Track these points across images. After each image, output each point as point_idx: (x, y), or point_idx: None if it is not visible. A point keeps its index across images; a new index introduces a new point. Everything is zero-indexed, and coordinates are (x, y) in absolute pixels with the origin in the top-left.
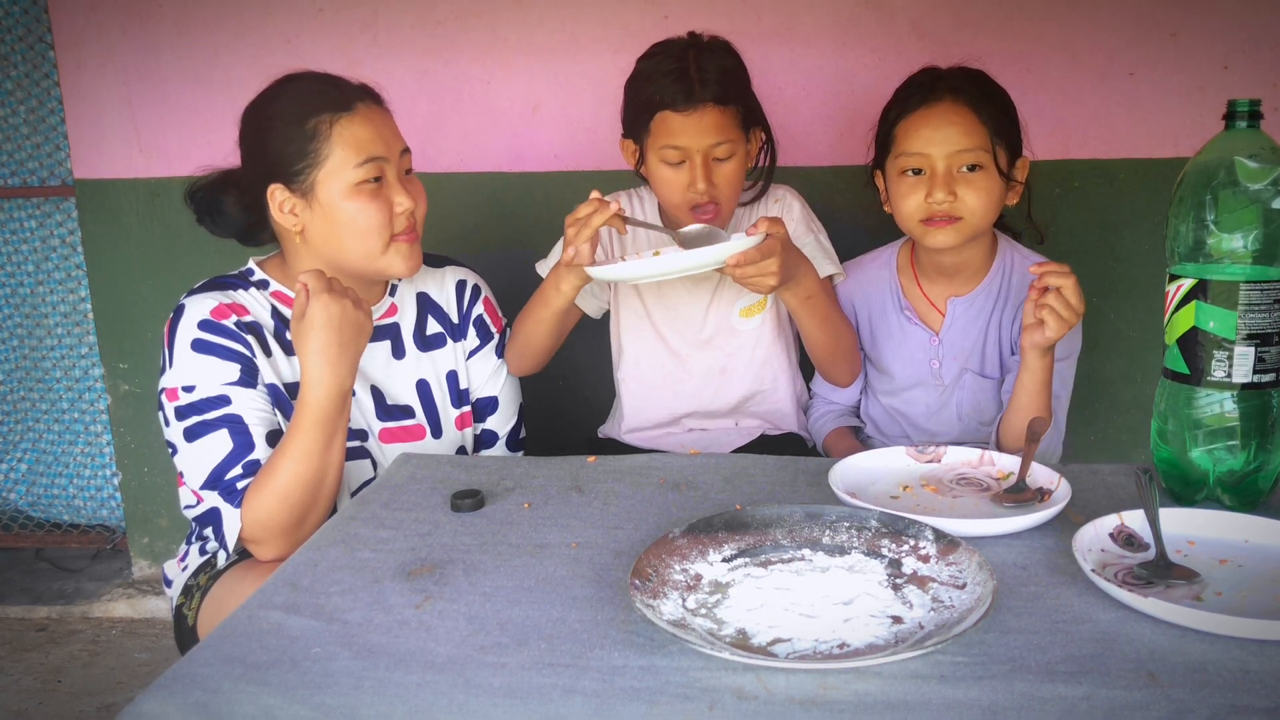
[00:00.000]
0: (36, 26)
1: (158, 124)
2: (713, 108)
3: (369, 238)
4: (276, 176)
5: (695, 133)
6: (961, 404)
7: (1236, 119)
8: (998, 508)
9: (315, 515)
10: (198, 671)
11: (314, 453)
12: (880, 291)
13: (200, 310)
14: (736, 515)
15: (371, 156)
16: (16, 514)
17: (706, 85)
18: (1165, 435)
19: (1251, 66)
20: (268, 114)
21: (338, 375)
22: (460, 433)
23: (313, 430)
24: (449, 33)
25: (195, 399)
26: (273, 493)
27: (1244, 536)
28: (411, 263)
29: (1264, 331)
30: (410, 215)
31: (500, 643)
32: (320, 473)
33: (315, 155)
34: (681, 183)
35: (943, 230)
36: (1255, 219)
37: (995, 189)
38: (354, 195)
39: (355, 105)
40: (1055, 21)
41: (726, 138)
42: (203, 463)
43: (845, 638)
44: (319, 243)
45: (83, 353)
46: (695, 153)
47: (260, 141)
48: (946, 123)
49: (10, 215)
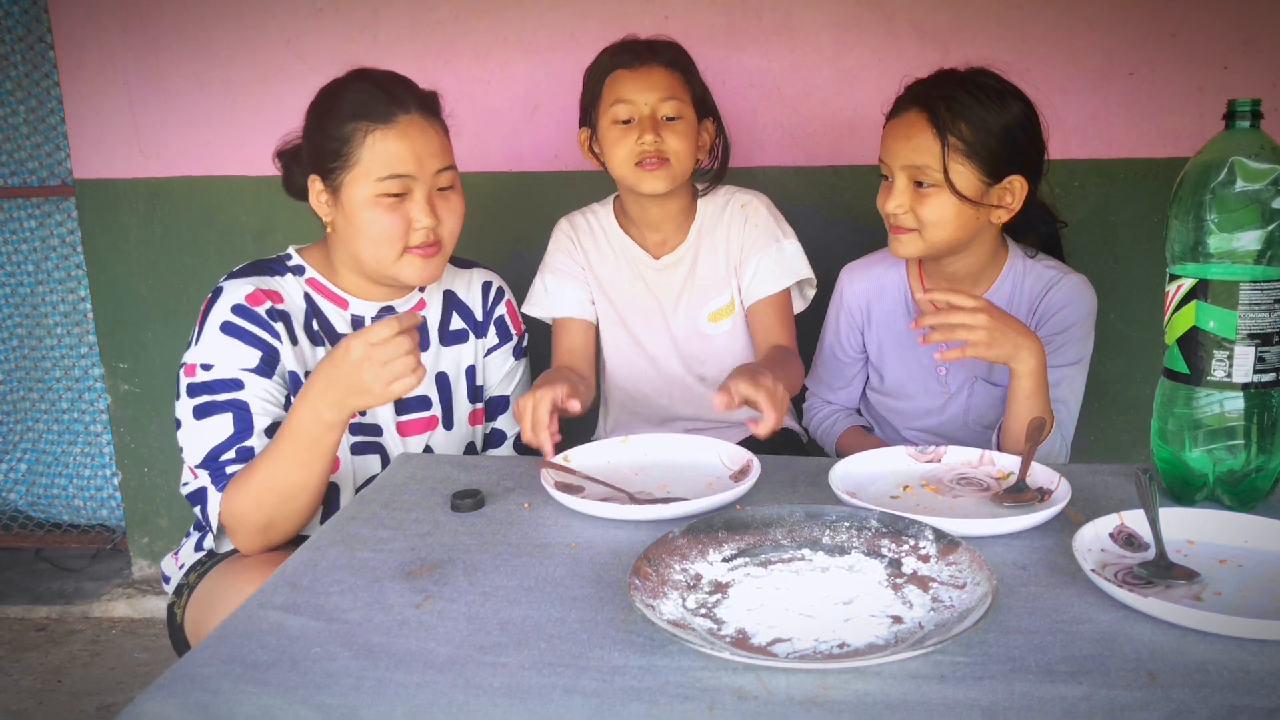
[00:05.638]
0: (36, 26)
1: (158, 124)
2: (661, 69)
3: (381, 246)
4: (315, 168)
5: (643, 88)
6: (970, 410)
7: (1236, 119)
8: (998, 508)
9: (283, 525)
10: (198, 671)
11: (288, 466)
12: (890, 292)
13: (236, 294)
14: (736, 515)
15: (395, 173)
16: (16, 514)
17: (656, 52)
18: (1165, 435)
19: (1251, 66)
20: (322, 110)
21: (320, 406)
22: (471, 428)
23: (288, 443)
24: (449, 33)
25: (210, 378)
26: (246, 491)
27: (1244, 536)
28: (425, 274)
29: (1264, 331)
30: (430, 232)
31: (500, 643)
32: (290, 486)
33: (347, 159)
34: (630, 139)
35: (899, 238)
36: (1255, 219)
37: (949, 207)
38: (373, 205)
39: (396, 118)
40: (1055, 21)
41: (674, 96)
42: (203, 441)
43: (845, 637)
44: (343, 240)
45: (83, 353)
46: (643, 106)
47: (311, 132)
48: (904, 135)
49: (10, 215)
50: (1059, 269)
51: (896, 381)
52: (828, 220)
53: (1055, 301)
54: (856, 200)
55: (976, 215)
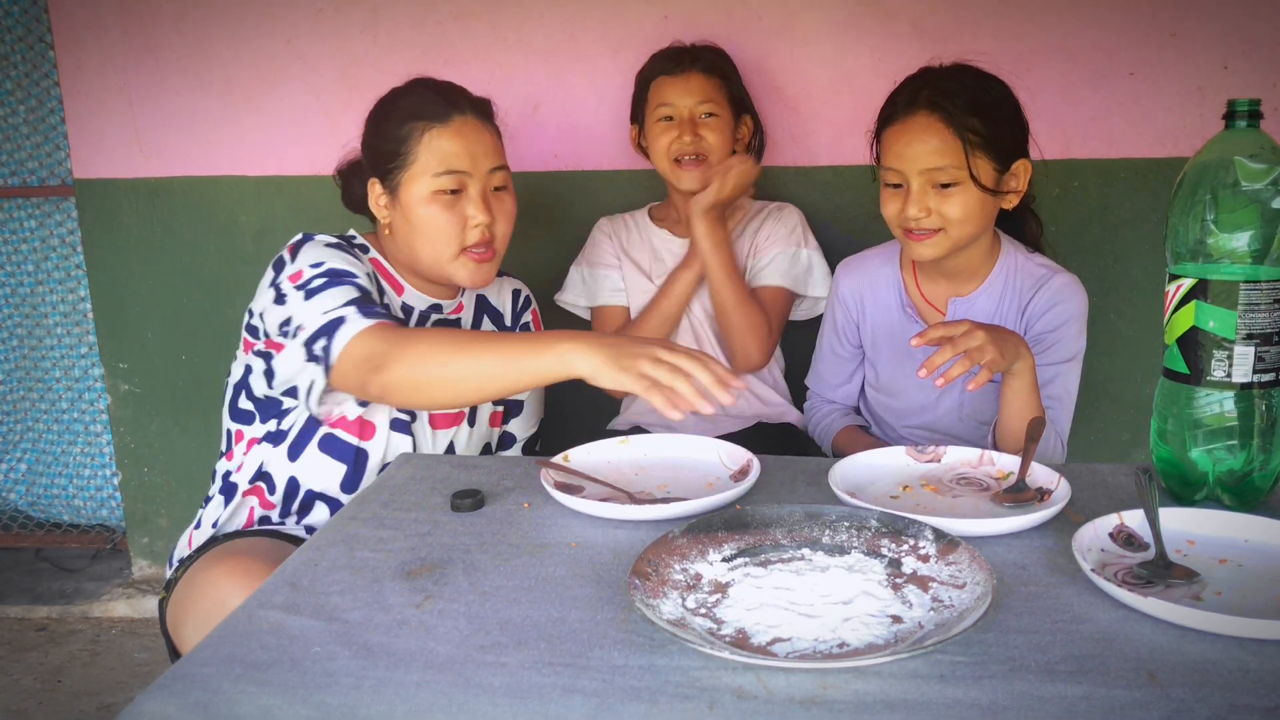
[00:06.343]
0: (36, 26)
1: (158, 124)
2: (699, 74)
3: (438, 244)
4: (375, 171)
5: (682, 92)
6: (963, 405)
7: (1236, 119)
8: (998, 508)
9: (407, 390)
10: (198, 671)
11: (486, 351)
12: (884, 288)
13: (328, 238)
14: (736, 515)
15: (451, 169)
16: (16, 514)
17: (696, 59)
18: (1165, 435)
19: (1251, 66)
20: (380, 114)
21: (575, 337)
22: (490, 429)
23: (507, 340)
24: (449, 33)
25: (323, 270)
26: (414, 338)
27: (1244, 536)
28: (478, 277)
29: (1264, 331)
30: (485, 229)
31: (500, 642)
32: (463, 369)
33: (404, 159)
34: (670, 137)
35: (922, 243)
36: (1255, 219)
37: (974, 201)
38: (430, 202)
39: (451, 118)
40: (1055, 21)
41: (710, 99)
42: (333, 299)
43: (845, 637)
44: (400, 240)
45: (82, 353)
46: (682, 109)
47: (370, 137)
48: (918, 139)
49: (10, 215)
50: (1050, 267)
51: (890, 376)
52: (827, 220)
53: (1045, 299)
54: (856, 200)
55: (994, 205)
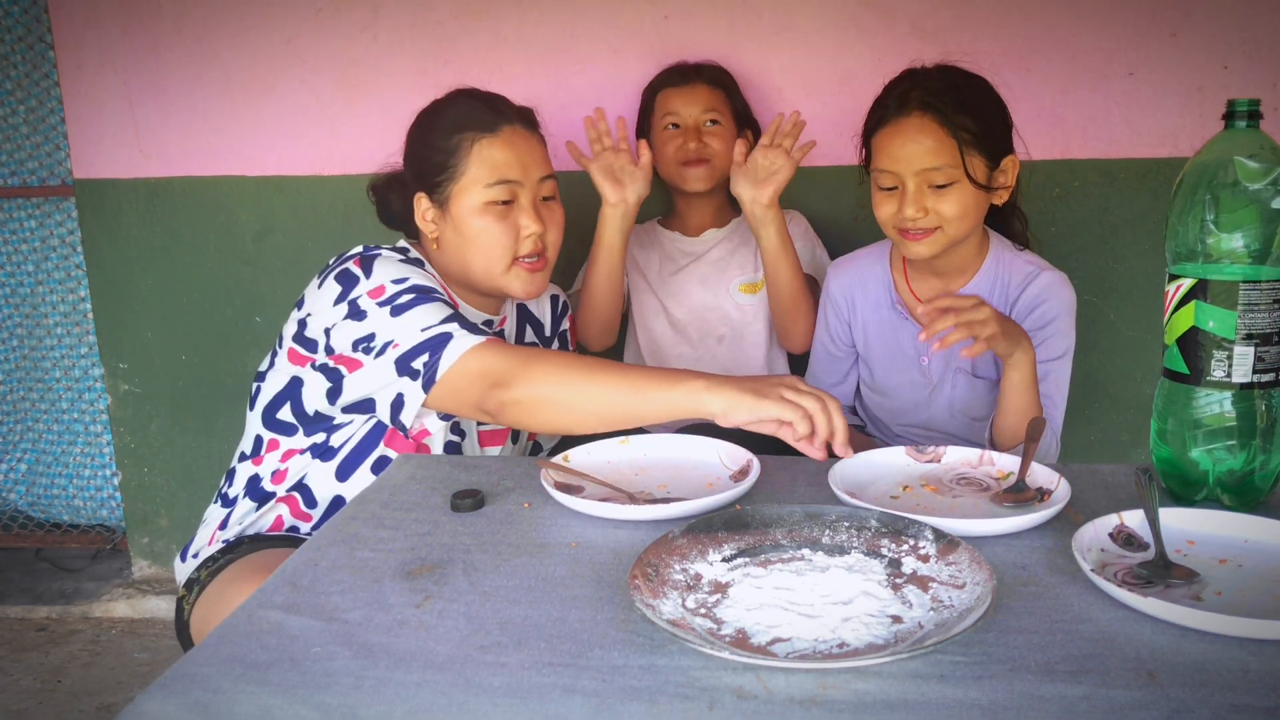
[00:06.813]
0: (36, 26)
1: (158, 124)
2: (704, 86)
3: (491, 255)
4: (422, 185)
5: (688, 101)
6: (954, 402)
7: (1236, 119)
8: (997, 508)
9: (515, 391)
10: (198, 671)
11: (609, 385)
12: (874, 286)
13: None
14: (736, 515)
15: (503, 179)
16: (16, 514)
17: (700, 71)
18: (1165, 435)
19: (1251, 66)
20: (425, 126)
21: (704, 379)
22: (528, 443)
23: (635, 371)
24: (449, 33)
25: (408, 286)
26: (540, 356)
27: (1243, 536)
28: (531, 287)
29: (1263, 331)
30: (538, 239)
31: (500, 642)
32: (587, 402)
33: (454, 170)
34: (677, 143)
35: (919, 242)
36: (1255, 219)
37: (969, 199)
38: (483, 213)
39: (500, 128)
40: (1055, 21)
41: (714, 109)
42: (428, 316)
43: (845, 637)
44: (450, 253)
45: (83, 353)
46: (688, 117)
47: (414, 150)
48: (913, 140)
49: (10, 215)
50: (1038, 264)
51: (883, 374)
52: (827, 220)
53: (1033, 296)
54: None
55: (986, 201)
